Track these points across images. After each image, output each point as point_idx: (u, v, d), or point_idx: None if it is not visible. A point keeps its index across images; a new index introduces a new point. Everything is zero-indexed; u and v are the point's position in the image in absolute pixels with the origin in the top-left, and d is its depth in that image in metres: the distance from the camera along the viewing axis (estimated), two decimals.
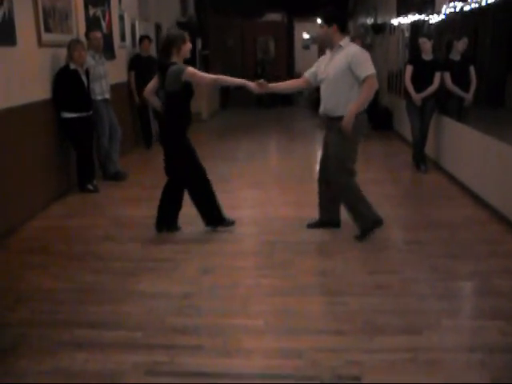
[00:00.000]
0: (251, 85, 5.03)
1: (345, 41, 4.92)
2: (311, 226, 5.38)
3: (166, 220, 5.39)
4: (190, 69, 4.93)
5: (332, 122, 4.97)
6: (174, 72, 4.87)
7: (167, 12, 12.49)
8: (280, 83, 5.36)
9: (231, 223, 5.39)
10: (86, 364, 3.18)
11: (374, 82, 4.88)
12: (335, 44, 4.92)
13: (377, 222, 5.08)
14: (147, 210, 6.09)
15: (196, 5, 15.51)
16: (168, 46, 4.95)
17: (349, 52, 4.85)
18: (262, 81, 5.08)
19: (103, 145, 7.42)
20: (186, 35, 5.02)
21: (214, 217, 5.34)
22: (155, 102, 5.26)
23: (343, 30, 4.95)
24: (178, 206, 5.38)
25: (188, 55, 5.06)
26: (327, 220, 5.36)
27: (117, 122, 7.67)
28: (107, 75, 7.50)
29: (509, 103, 6.03)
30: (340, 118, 4.86)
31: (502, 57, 6.09)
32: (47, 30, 6.29)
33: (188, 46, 5.02)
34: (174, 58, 4.94)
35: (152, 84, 5.19)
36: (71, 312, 3.81)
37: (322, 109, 5.05)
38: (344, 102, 4.85)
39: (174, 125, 5.08)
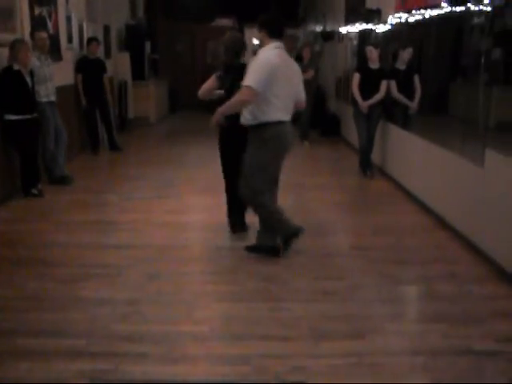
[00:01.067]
0: None
1: (266, 47, 4.72)
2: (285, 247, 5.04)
3: (237, 219, 5.40)
4: None
5: (249, 131, 4.81)
6: None
7: (116, 14, 12.35)
8: None
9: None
10: (29, 373, 3.11)
11: (245, 94, 4.54)
12: None
13: (294, 234, 4.82)
14: (92, 215, 6.02)
15: (146, 8, 15.38)
16: (241, 49, 5.17)
17: (253, 59, 4.77)
18: None
19: (48, 148, 7.27)
20: None
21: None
22: (218, 95, 5.22)
23: (272, 36, 4.71)
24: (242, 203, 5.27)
25: None
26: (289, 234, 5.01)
27: (62, 125, 7.53)
28: (52, 77, 7.36)
29: (452, 111, 6.18)
30: (252, 127, 4.72)
31: (446, 66, 6.25)
32: None
33: None
34: (241, 60, 5.17)
35: (208, 85, 5.22)
36: (14, 320, 3.72)
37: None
38: (248, 110, 4.68)
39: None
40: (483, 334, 3.60)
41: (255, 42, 20.97)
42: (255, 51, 16.72)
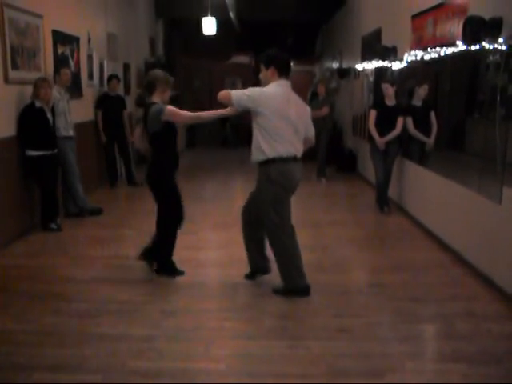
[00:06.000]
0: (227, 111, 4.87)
1: (273, 84, 4.71)
2: (248, 277, 5.17)
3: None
4: None
5: (258, 168, 4.84)
6: None
7: (136, 52, 12.57)
8: None
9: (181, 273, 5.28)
10: None
11: (225, 95, 4.69)
12: None
13: (303, 291, 4.78)
14: (110, 250, 6.05)
15: (165, 45, 15.65)
16: None
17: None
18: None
19: (69, 183, 7.37)
20: None
21: (167, 264, 5.27)
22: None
23: (281, 73, 4.70)
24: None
25: None
26: (255, 269, 5.14)
27: (75, 161, 7.59)
28: (70, 112, 7.48)
29: (469, 147, 6.18)
30: (260, 164, 4.74)
31: (461, 103, 6.27)
32: (14, 67, 6.29)
33: None
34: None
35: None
36: (30, 355, 3.72)
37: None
38: (258, 146, 4.71)
39: None
40: (503, 373, 3.55)
41: None
42: None
